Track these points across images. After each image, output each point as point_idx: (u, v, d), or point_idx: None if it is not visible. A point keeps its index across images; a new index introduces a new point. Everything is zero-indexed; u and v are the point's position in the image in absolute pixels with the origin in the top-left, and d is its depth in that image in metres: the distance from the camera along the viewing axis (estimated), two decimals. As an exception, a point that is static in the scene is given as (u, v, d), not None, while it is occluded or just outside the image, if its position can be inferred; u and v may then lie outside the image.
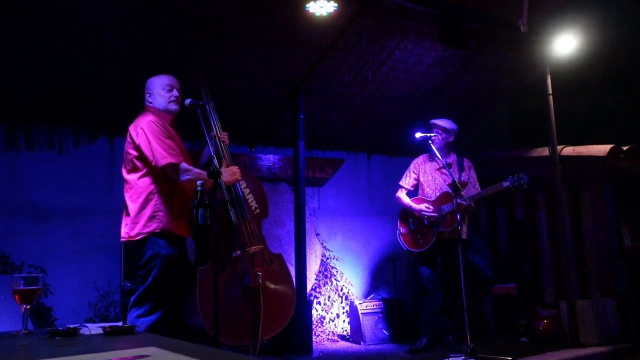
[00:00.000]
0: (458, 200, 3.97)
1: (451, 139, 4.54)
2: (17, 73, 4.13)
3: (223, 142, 3.32)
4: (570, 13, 4.73)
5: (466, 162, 4.62)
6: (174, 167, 2.85)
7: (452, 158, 4.60)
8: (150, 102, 3.11)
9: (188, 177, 2.86)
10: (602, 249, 4.93)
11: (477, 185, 4.53)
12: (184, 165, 2.88)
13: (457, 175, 4.44)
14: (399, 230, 4.67)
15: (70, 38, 3.91)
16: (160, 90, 3.11)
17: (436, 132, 4.49)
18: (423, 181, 4.63)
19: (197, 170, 2.93)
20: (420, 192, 4.67)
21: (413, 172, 4.70)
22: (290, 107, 5.03)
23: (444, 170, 4.54)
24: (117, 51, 4.15)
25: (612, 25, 5.29)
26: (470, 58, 5.16)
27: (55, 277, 4.41)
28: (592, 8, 4.98)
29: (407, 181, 4.69)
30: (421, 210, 4.45)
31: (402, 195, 4.65)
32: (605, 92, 5.58)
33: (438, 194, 4.52)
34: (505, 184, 4.08)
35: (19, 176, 4.47)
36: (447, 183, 4.49)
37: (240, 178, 3.17)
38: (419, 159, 4.74)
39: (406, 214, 4.65)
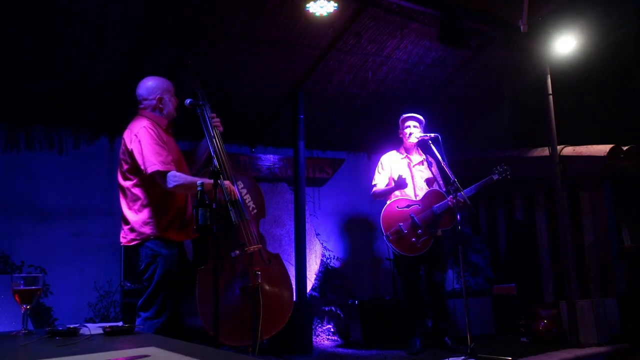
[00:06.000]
0: (458, 197, 3.94)
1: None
2: (17, 73, 4.13)
3: (220, 144, 3.30)
4: (570, 13, 4.72)
5: (429, 159, 4.56)
6: (161, 175, 2.84)
7: (423, 155, 4.55)
8: (162, 109, 3.07)
9: (175, 183, 2.84)
10: (602, 249, 4.92)
11: (442, 182, 4.45)
12: (172, 172, 2.86)
13: (430, 172, 4.42)
14: (387, 234, 4.28)
15: (70, 38, 3.90)
16: (171, 97, 3.12)
17: (413, 126, 4.45)
18: (396, 178, 4.36)
19: (183, 175, 2.91)
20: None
21: (384, 169, 4.51)
22: (290, 107, 5.03)
23: (418, 167, 4.48)
24: (117, 51, 4.15)
25: (612, 26, 5.29)
26: (470, 58, 5.17)
27: (55, 277, 4.41)
28: (592, 8, 4.98)
29: (380, 179, 4.49)
30: (400, 185, 4.25)
31: (377, 188, 4.45)
32: (605, 92, 5.58)
33: (419, 192, 4.39)
34: (495, 177, 4.22)
35: (19, 176, 4.47)
36: (424, 180, 4.45)
37: (236, 197, 3.16)
38: (387, 156, 4.56)
39: (393, 216, 4.33)
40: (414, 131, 4.46)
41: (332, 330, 5.47)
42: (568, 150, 4.95)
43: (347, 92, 5.25)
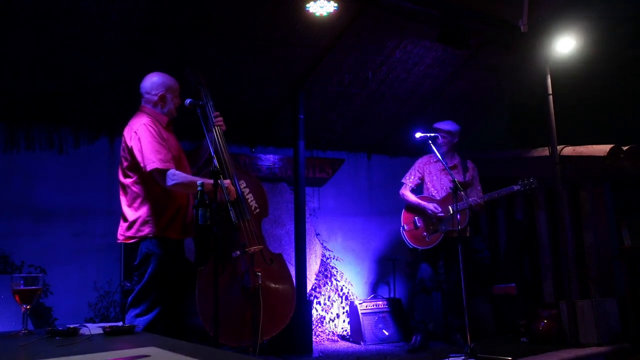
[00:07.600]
0: (470, 200, 4.12)
1: (455, 140, 4.66)
2: (17, 73, 4.13)
3: (222, 143, 3.31)
4: (570, 13, 4.72)
5: (470, 164, 4.73)
6: (160, 173, 2.85)
7: (457, 160, 4.67)
8: (162, 106, 3.07)
9: (174, 182, 2.84)
10: (602, 249, 4.93)
11: (479, 187, 4.61)
12: (171, 171, 2.86)
13: (462, 176, 4.51)
14: (404, 226, 4.70)
15: (70, 38, 3.90)
16: (175, 97, 3.12)
17: (441, 136, 4.54)
18: (428, 181, 4.71)
19: (183, 174, 2.91)
20: (425, 191, 4.73)
21: (418, 171, 4.77)
22: (290, 107, 5.03)
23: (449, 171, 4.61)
24: (117, 51, 4.15)
25: (612, 26, 5.28)
26: (470, 58, 5.16)
27: (55, 277, 4.41)
28: (592, 8, 4.97)
29: (411, 179, 4.76)
30: (430, 210, 4.51)
31: (407, 192, 4.71)
32: (605, 92, 5.57)
33: (444, 194, 4.57)
34: (516, 187, 4.30)
35: (19, 176, 4.46)
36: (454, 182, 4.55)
37: (234, 197, 3.16)
38: (424, 159, 4.81)
39: (411, 210, 4.69)
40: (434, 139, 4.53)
41: (332, 330, 5.47)
42: (568, 150, 4.95)
43: (347, 92, 5.25)
